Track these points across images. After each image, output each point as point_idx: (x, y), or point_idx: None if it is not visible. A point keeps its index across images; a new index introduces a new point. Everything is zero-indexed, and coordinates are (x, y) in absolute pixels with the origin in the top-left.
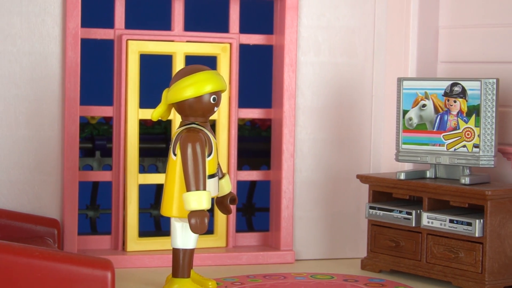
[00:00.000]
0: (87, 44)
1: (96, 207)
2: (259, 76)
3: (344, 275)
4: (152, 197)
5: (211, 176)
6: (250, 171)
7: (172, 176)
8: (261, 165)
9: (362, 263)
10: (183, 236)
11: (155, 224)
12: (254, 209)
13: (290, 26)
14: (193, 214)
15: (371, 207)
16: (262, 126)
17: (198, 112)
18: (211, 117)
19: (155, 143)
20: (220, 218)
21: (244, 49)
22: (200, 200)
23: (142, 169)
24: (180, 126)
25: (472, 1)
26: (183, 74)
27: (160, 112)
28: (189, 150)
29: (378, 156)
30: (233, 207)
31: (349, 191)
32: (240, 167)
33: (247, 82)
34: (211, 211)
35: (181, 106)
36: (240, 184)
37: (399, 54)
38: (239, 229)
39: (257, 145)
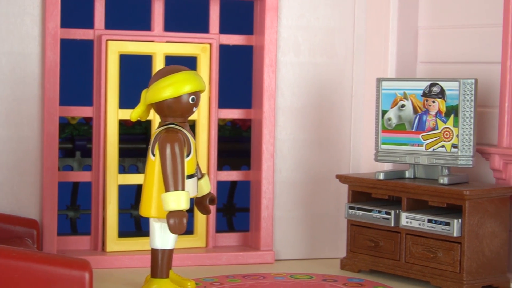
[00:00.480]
0: (66, 45)
1: (76, 208)
2: (239, 76)
3: (323, 275)
4: (132, 197)
5: (190, 176)
6: (230, 172)
7: (151, 177)
8: (241, 165)
9: (341, 263)
10: (161, 237)
11: (135, 224)
12: (234, 209)
13: (270, 27)
14: (171, 214)
15: (350, 207)
16: (243, 127)
17: (177, 112)
18: (191, 118)
19: (136, 143)
20: (200, 218)
21: (224, 50)
22: (178, 201)
23: (123, 170)
24: (159, 126)
25: (451, 2)
26: (161, 74)
27: (139, 112)
28: (168, 151)
29: (358, 156)
30: (213, 208)
31: (329, 191)
32: (220, 167)
33: (228, 82)
34: (190, 211)
35: (159, 107)
36: (221, 185)
37: (379, 54)
38: (219, 229)
39: (238, 145)
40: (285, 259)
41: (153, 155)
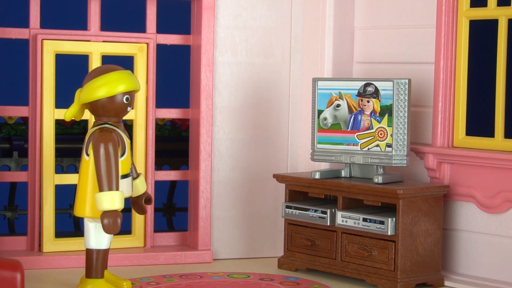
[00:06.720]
0: (2, 44)
1: (14, 208)
2: (177, 76)
3: (261, 274)
4: (71, 197)
5: (124, 176)
6: (168, 171)
7: (85, 176)
8: (181, 165)
9: (278, 262)
10: (96, 237)
11: (74, 224)
12: (174, 209)
13: (207, 27)
14: (105, 214)
15: (287, 206)
16: (182, 126)
17: (111, 112)
18: (128, 117)
19: (74, 143)
20: (138, 218)
21: (162, 49)
22: (112, 200)
23: (61, 169)
24: (93, 126)
25: (385, 3)
26: (95, 74)
27: (73, 112)
28: (102, 150)
29: (296, 155)
30: (150, 207)
31: (267, 191)
32: (160, 167)
33: (166, 82)
34: (128, 211)
35: (94, 106)
36: (161, 184)
37: (315, 54)
38: (159, 229)
39: (177, 145)
40: (223, 259)
41: (87, 154)
